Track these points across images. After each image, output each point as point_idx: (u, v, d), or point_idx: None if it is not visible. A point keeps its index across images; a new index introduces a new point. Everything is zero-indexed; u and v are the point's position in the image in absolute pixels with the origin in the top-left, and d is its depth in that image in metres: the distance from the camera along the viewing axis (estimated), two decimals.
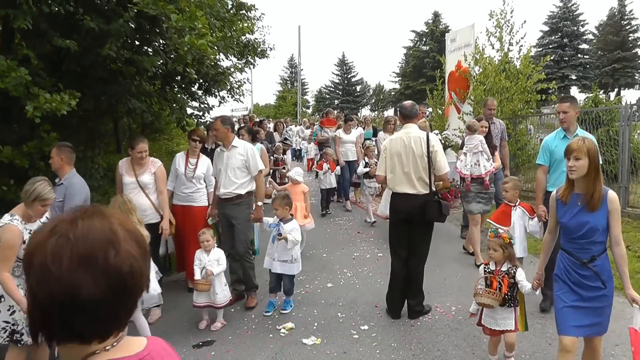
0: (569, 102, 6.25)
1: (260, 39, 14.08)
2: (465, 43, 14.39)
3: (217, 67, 10.63)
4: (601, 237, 4.20)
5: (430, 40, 71.08)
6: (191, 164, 7.63)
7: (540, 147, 6.74)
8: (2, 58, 5.97)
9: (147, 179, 6.81)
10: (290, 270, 6.84)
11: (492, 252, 5.20)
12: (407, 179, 6.34)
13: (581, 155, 4.07)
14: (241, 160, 6.98)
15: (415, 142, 6.30)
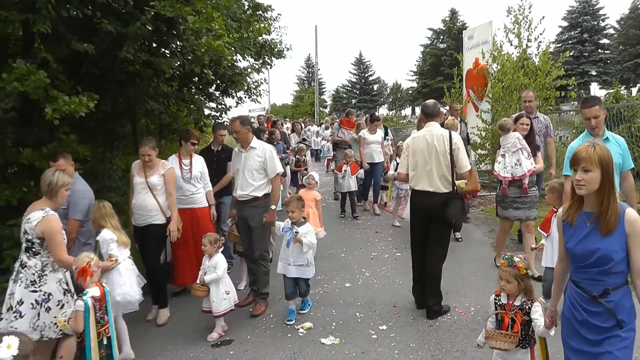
0: (599, 105, 5.64)
1: (277, 39, 14.07)
2: (483, 40, 14.32)
3: (234, 67, 10.64)
4: (619, 266, 3.29)
5: (447, 37, 70.80)
6: (185, 165, 7.56)
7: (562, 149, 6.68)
8: (21, 62, 6.02)
9: (155, 180, 6.74)
10: (306, 274, 6.75)
11: (505, 283, 4.44)
12: (428, 177, 6.42)
13: (591, 167, 3.25)
14: (259, 162, 6.89)
15: (437, 140, 6.39)
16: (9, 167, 7.90)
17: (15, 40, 8.32)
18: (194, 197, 7.57)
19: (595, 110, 5.61)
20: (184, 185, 7.47)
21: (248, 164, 6.91)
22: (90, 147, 7.91)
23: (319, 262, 8.76)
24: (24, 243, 5.09)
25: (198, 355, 5.85)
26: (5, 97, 6.23)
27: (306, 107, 59.25)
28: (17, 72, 5.94)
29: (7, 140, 7.98)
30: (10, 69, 6.01)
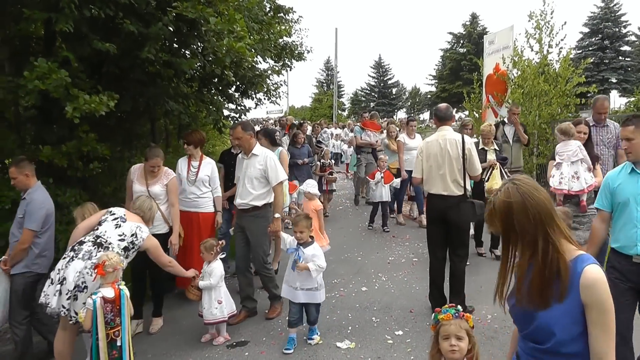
0: (634, 125, 4.32)
1: (298, 41, 14.08)
2: (503, 45, 14.22)
3: (254, 69, 10.64)
4: (568, 347, 2.28)
5: (467, 42, 70.39)
6: (193, 167, 7.41)
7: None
8: (43, 60, 6.07)
9: (158, 189, 6.59)
10: (317, 299, 6.00)
11: (456, 342, 3.29)
12: (441, 181, 6.50)
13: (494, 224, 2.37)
14: (260, 170, 6.62)
15: (450, 145, 6.47)
16: None
17: (37, 39, 8.38)
18: (197, 201, 7.38)
19: (628, 131, 4.34)
20: (187, 188, 7.34)
21: (249, 171, 6.68)
22: (109, 146, 7.92)
23: (335, 266, 8.83)
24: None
25: (213, 356, 5.84)
26: (26, 95, 6.23)
27: (325, 109, 59.22)
28: (39, 70, 5.99)
29: (27, 138, 8.04)
30: (31, 67, 6.07)
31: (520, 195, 2.26)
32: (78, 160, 7.55)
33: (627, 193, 4.24)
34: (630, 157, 4.38)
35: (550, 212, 2.27)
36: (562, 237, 2.30)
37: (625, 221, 4.28)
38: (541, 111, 12.56)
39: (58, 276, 4.81)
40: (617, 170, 4.49)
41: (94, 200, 6.00)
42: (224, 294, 6.20)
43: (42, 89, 6.06)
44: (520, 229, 2.25)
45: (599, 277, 2.21)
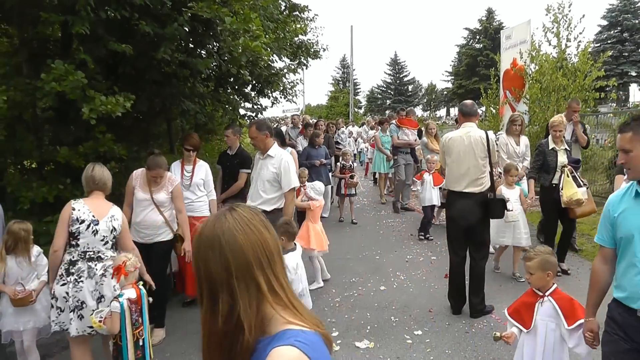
0: (632, 132, 3.17)
1: (313, 39, 14.05)
2: (521, 40, 14.09)
3: (270, 68, 10.63)
4: None
5: (483, 37, 70.13)
6: (187, 171, 7.22)
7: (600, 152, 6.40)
8: (60, 62, 6.10)
9: (162, 197, 6.26)
10: None
11: None
12: (463, 178, 6.45)
13: None
14: (273, 173, 6.34)
15: (475, 143, 6.41)
16: (46, 165, 8.02)
17: (54, 41, 8.42)
18: (193, 205, 7.13)
19: (625, 139, 3.22)
20: (182, 193, 6.88)
21: (262, 173, 6.43)
22: (126, 146, 7.96)
23: (354, 264, 8.83)
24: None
25: None
26: (43, 97, 6.28)
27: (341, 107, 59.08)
28: (56, 72, 6.03)
29: (45, 139, 8.09)
30: (49, 69, 6.11)
31: (219, 229, 1.64)
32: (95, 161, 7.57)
33: (630, 225, 3.18)
34: (630, 175, 3.32)
35: (248, 265, 1.60)
36: (263, 301, 1.61)
37: (628, 264, 3.21)
38: (559, 106, 12.40)
39: (68, 303, 4.78)
40: (620, 194, 3.36)
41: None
42: None
43: (59, 91, 6.09)
44: (205, 273, 1.64)
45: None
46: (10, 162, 7.88)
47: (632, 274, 3.17)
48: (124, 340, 4.56)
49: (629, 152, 3.17)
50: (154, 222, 6.19)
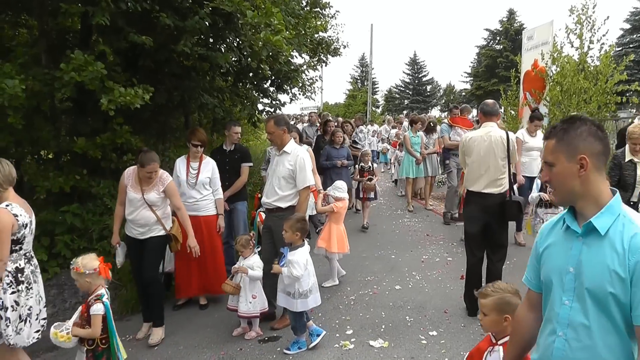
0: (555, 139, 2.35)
1: (334, 36, 14.02)
2: (542, 41, 13.91)
3: (290, 64, 10.59)
4: None
5: (504, 39, 69.40)
6: (193, 169, 6.98)
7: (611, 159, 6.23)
8: (79, 53, 6.11)
9: (154, 197, 6.07)
10: (292, 306, 5.67)
11: None
12: (483, 178, 6.39)
13: None
14: (289, 169, 6.18)
15: (496, 143, 6.36)
16: (63, 156, 8.04)
17: (74, 32, 8.45)
18: (198, 205, 6.96)
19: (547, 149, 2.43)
20: (187, 191, 6.91)
21: (278, 169, 6.27)
22: (143, 139, 7.97)
23: (369, 263, 8.80)
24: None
25: (245, 350, 5.82)
26: (62, 87, 6.27)
27: (359, 106, 58.89)
28: (75, 62, 6.03)
29: (62, 129, 8.12)
30: (68, 60, 6.12)
31: None
32: (112, 152, 7.63)
33: (551, 266, 2.45)
34: (555, 197, 2.60)
35: None
36: None
37: (546, 318, 2.50)
38: (579, 109, 12.24)
39: (18, 312, 4.56)
40: (553, 222, 2.60)
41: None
42: (259, 289, 6.13)
43: (78, 81, 6.10)
44: None
45: None
46: (28, 151, 7.90)
47: (546, 332, 2.46)
48: (114, 340, 4.48)
49: (552, 165, 2.38)
50: (147, 219, 6.08)
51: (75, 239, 7.32)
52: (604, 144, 2.27)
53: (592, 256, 2.22)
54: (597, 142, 2.25)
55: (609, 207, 2.23)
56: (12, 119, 6.21)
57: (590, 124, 2.28)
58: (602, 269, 2.16)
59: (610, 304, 2.14)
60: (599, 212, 2.23)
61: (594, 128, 2.27)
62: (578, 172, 2.24)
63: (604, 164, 2.31)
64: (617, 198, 2.26)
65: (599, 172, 2.27)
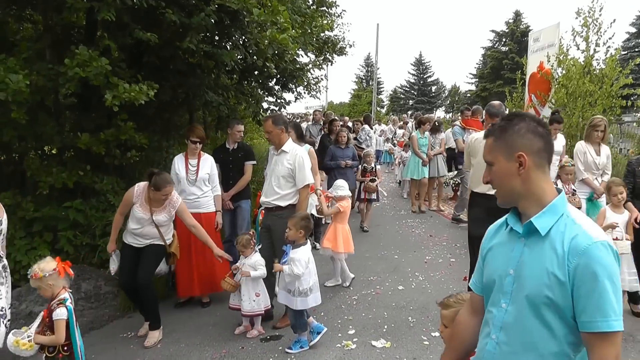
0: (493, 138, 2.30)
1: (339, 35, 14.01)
2: (549, 43, 13.87)
3: (295, 62, 10.57)
4: None
5: (510, 40, 69.21)
6: (192, 165, 6.94)
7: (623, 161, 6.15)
8: (84, 48, 6.10)
9: (163, 218, 6.03)
10: (292, 304, 5.67)
11: None
12: None
13: None
14: (288, 168, 6.12)
15: None
16: (67, 151, 8.04)
17: (79, 28, 8.44)
18: (199, 201, 6.94)
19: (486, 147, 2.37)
20: (187, 188, 6.88)
21: (277, 169, 6.22)
22: (147, 135, 7.93)
23: (372, 263, 8.78)
24: None
25: (247, 348, 5.79)
26: (66, 82, 6.26)
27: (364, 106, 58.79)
28: (79, 57, 6.02)
29: (66, 125, 8.11)
30: (72, 55, 6.12)
31: None
32: (116, 149, 7.61)
33: (494, 266, 2.36)
34: (497, 198, 2.44)
35: None
36: None
37: (484, 320, 2.39)
38: (584, 112, 12.18)
39: None
40: (499, 223, 2.57)
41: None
42: (262, 287, 6.10)
43: (82, 77, 6.08)
44: None
45: None
46: (31, 147, 7.90)
47: (483, 334, 2.36)
48: (76, 348, 4.36)
49: (491, 165, 2.32)
50: (151, 234, 6.06)
51: (78, 235, 7.31)
52: (545, 140, 2.18)
53: (532, 258, 2.12)
54: (536, 139, 2.16)
55: (551, 206, 2.13)
56: (16, 113, 6.19)
57: (529, 120, 2.20)
58: (540, 271, 2.05)
59: (546, 308, 2.04)
60: (540, 212, 2.13)
61: (533, 124, 2.18)
62: (517, 170, 2.16)
63: (547, 161, 2.20)
64: (561, 197, 2.16)
65: (540, 170, 2.17)
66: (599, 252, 1.94)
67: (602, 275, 1.91)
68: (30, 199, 7.38)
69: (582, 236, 1.99)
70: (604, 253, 1.95)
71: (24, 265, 6.79)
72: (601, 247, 1.95)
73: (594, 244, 1.95)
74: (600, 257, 1.94)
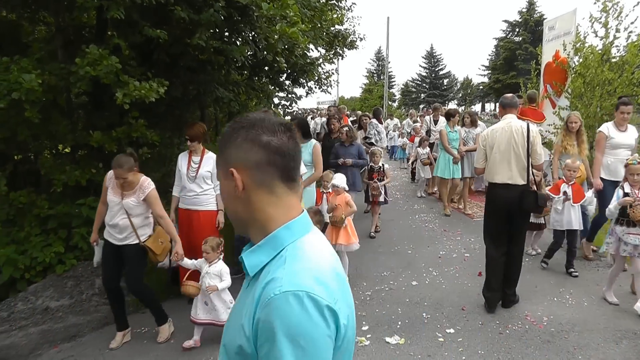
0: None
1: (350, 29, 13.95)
2: (565, 31, 13.60)
3: (305, 57, 10.54)
4: None
5: (523, 30, 68.69)
6: (194, 162, 6.85)
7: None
8: (94, 47, 6.13)
9: (131, 203, 5.81)
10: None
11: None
12: (507, 169, 6.36)
13: None
14: None
15: (517, 132, 6.34)
16: (80, 149, 8.09)
17: (89, 28, 8.48)
18: (198, 198, 6.83)
19: None
20: (187, 185, 6.81)
21: None
22: (159, 132, 7.96)
23: (385, 258, 8.72)
24: None
25: None
26: (77, 81, 6.30)
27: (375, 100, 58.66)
28: (90, 57, 6.06)
29: (78, 123, 8.15)
30: (83, 54, 6.15)
31: None
32: (128, 146, 7.65)
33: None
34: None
35: None
36: None
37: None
38: (603, 102, 11.96)
39: None
40: None
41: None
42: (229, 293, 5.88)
43: (93, 75, 6.12)
44: None
45: None
46: (45, 145, 7.96)
47: None
48: None
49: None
50: (122, 225, 5.86)
51: (91, 232, 7.36)
52: (273, 150, 1.61)
53: (238, 303, 1.70)
54: (254, 149, 1.60)
55: (270, 238, 1.61)
56: (29, 112, 6.26)
57: (256, 126, 1.62)
58: (237, 320, 1.57)
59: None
60: (255, 246, 1.64)
61: (257, 131, 1.61)
62: (234, 191, 1.62)
63: (280, 178, 1.63)
64: (291, 225, 1.62)
65: (265, 190, 1.62)
66: (285, 305, 1.39)
67: (281, 335, 1.37)
68: (45, 196, 7.46)
69: (276, 282, 1.45)
70: (293, 307, 1.39)
71: (40, 261, 6.86)
72: (291, 298, 1.39)
73: (283, 294, 1.40)
74: (284, 311, 1.39)
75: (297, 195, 1.67)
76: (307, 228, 1.65)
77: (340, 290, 1.53)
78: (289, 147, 1.63)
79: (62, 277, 6.99)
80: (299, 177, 1.68)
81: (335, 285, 1.51)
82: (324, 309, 1.40)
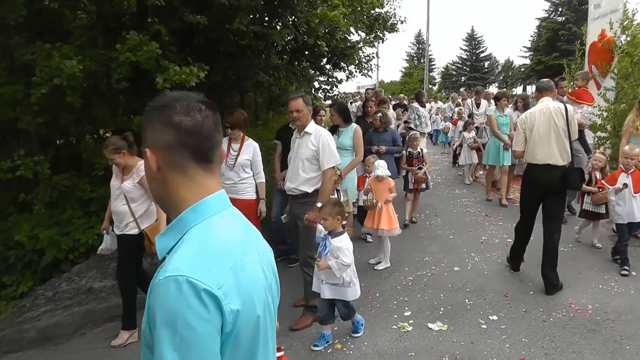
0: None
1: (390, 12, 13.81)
2: (611, 8, 13.16)
3: (346, 40, 10.46)
4: None
5: (566, 9, 66.94)
6: (233, 150, 6.64)
7: None
8: (134, 33, 6.16)
9: (127, 187, 5.66)
10: (344, 295, 5.34)
11: None
12: (549, 151, 6.37)
13: None
14: (312, 150, 5.75)
15: (555, 114, 6.39)
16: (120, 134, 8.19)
17: (129, 15, 8.53)
18: (236, 187, 6.60)
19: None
20: (225, 173, 6.55)
21: (300, 151, 5.85)
22: None
23: (427, 243, 8.61)
24: None
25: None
26: (118, 67, 6.34)
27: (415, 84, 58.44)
28: (130, 43, 6.10)
29: (119, 108, 8.23)
30: (123, 40, 6.19)
31: None
32: None
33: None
34: None
35: None
36: None
37: None
38: None
39: None
40: None
41: None
42: None
43: (133, 61, 6.16)
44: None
45: None
46: (87, 130, 8.05)
47: None
48: None
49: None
50: (121, 212, 5.74)
51: None
52: (183, 130, 1.57)
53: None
54: (167, 130, 1.57)
55: (177, 220, 1.59)
56: (71, 98, 6.34)
57: (170, 106, 1.59)
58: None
59: (146, 350, 1.51)
60: (166, 228, 1.62)
61: (168, 112, 1.58)
62: (151, 171, 1.61)
63: (191, 159, 1.60)
64: (196, 207, 1.58)
65: (179, 171, 1.59)
66: (165, 290, 1.37)
67: (160, 322, 1.36)
68: (87, 180, 7.58)
69: (163, 267, 1.44)
70: (171, 292, 1.36)
71: (82, 243, 6.97)
72: (171, 284, 1.36)
73: (165, 279, 1.38)
74: (164, 297, 1.37)
75: (214, 177, 1.65)
76: (215, 209, 1.61)
77: (235, 274, 1.48)
78: (204, 127, 1.60)
79: (104, 259, 7.10)
80: (218, 157, 1.66)
81: (227, 269, 1.47)
82: (201, 292, 1.36)
